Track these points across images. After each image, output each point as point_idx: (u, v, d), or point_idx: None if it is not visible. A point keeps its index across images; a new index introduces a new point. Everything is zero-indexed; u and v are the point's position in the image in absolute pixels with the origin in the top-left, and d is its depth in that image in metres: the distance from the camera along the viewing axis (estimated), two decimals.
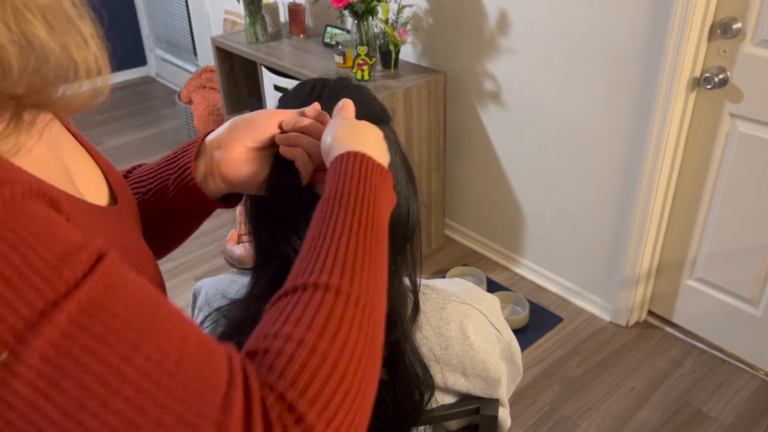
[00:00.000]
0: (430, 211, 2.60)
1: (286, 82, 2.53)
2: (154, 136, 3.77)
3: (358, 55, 2.25)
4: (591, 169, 2.14)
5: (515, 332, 1.72)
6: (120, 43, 4.13)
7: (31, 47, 0.42)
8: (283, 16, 2.94)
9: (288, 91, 0.83)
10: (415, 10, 2.39)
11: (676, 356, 2.15)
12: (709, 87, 1.80)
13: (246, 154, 0.72)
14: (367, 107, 0.79)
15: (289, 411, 0.41)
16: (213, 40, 2.88)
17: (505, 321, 0.98)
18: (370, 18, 2.29)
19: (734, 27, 1.72)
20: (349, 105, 0.72)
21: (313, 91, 0.80)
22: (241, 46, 2.73)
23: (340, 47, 2.41)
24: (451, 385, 0.89)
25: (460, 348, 0.87)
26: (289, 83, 2.51)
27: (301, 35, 2.80)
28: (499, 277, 2.53)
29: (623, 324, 2.27)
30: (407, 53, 2.50)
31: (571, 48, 2.01)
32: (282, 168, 0.73)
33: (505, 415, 0.97)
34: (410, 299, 0.84)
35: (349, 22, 2.40)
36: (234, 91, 3.03)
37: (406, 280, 0.84)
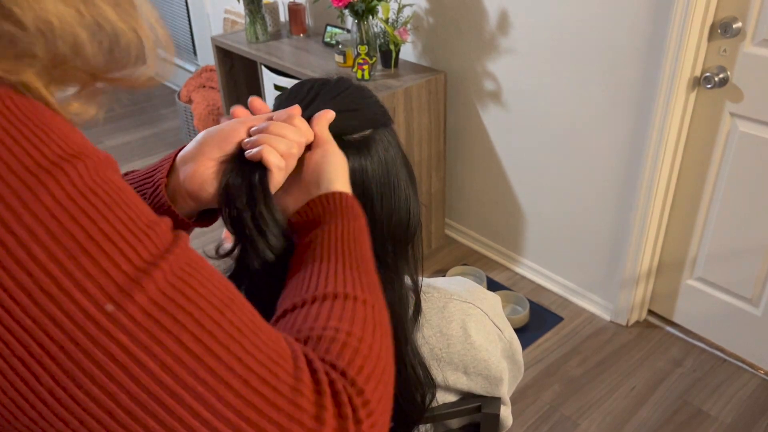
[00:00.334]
0: (431, 210, 2.60)
1: (286, 82, 2.53)
2: (154, 136, 3.77)
3: (359, 55, 2.25)
4: (591, 168, 2.14)
5: (515, 332, 1.72)
6: None
7: (103, 29, 0.45)
8: (283, 16, 2.94)
9: (284, 91, 0.81)
10: (416, 10, 2.39)
11: (677, 356, 2.15)
12: (709, 86, 1.80)
13: (213, 168, 0.67)
14: (368, 110, 0.78)
15: (351, 385, 0.47)
16: (213, 40, 2.88)
17: (507, 320, 0.98)
18: (371, 17, 2.29)
19: (734, 26, 1.72)
20: (330, 115, 0.72)
21: (311, 91, 0.78)
22: (241, 46, 2.73)
23: (340, 47, 2.41)
24: (453, 383, 0.89)
25: (462, 347, 0.87)
26: (289, 83, 2.51)
27: (302, 35, 2.80)
28: (499, 277, 2.53)
29: (623, 323, 2.27)
30: (407, 53, 2.50)
31: (571, 48, 2.01)
32: (238, 170, 0.66)
33: (506, 414, 0.97)
34: (411, 299, 0.85)
35: (350, 21, 2.40)
36: (234, 91, 3.03)
37: (408, 280, 0.84)
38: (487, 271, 2.51)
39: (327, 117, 0.71)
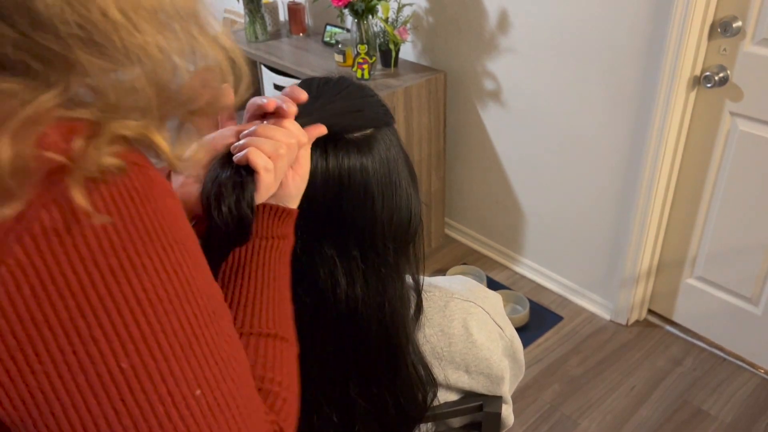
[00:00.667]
0: (430, 210, 2.60)
1: (285, 81, 2.53)
2: None
3: (358, 54, 2.25)
4: (591, 167, 2.14)
5: (515, 331, 1.72)
6: None
7: (195, 57, 0.48)
8: (283, 15, 2.94)
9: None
10: (415, 9, 2.39)
11: (676, 355, 2.15)
12: (709, 86, 1.80)
13: (199, 177, 0.68)
14: (371, 110, 0.78)
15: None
16: None
17: (508, 318, 0.98)
18: (370, 17, 2.29)
19: (734, 26, 1.72)
20: (321, 131, 0.72)
21: (312, 92, 0.76)
22: (240, 45, 2.71)
23: (340, 46, 2.40)
24: (454, 382, 0.89)
25: (464, 345, 0.87)
26: (288, 82, 2.51)
27: (301, 34, 2.79)
28: (499, 276, 2.53)
29: (623, 323, 2.27)
30: (407, 52, 2.50)
31: (571, 47, 2.01)
32: (226, 173, 0.66)
33: (508, 413, 0.97)
34: (413, 298, 0.85)
35: (349, 20, 2.39)
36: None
37: (409, 279, 0.84)
38: (486, 271, 2.51)
39: (317, 132, 0.71)
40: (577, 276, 2.37)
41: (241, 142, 0.66)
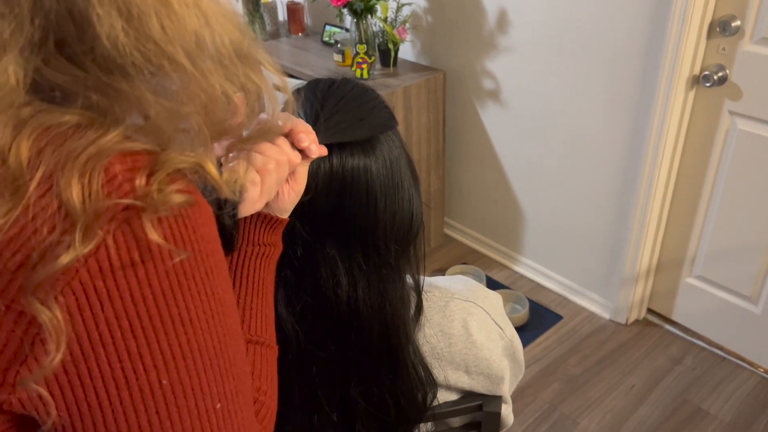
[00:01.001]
0: (430, 209, 2.60)
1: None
2: None
3: (357, 54, 2.25)
4: (590, 166, 2.14)
5: (515, 330, 1.72)
6: None
7: (248, 90, 0.53)
8: (282, 15, 2.94)
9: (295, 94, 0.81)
10: (414, 9, 2.39)
11: (676, 354, 2.15)
12: (708, 85, 1.80)
13: None
14: (374, 117, 0.78)
15: None
16: None
17: (507, 318, 0.98)
18: (369, 16, 2.29)
19: (733, 25, 1.72)
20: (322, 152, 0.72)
21: (316, 99, 0.76)
22: None
23: (339, 46, 2.40)
24: (454, 382, 0.89)
25: (464, 345, 0.87)
26: (288, 82, 2.51)
27: (300, 34, 2.79)
28: (498, 276, 2.53)
29: (623, 322, 2.28)
30: (406, 52, 2.50)
31: (570, 46, 2.01)
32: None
33: (507, 412, 0.97)
34: (413, 298, 0.85)
35: (348, 20, 2.39)
36: None
37: (409, 279, 0.84)
38: (486, 270, 2.52)
39: (319, 153, 0.70)
40: (577, 275, 2.38)
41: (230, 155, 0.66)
